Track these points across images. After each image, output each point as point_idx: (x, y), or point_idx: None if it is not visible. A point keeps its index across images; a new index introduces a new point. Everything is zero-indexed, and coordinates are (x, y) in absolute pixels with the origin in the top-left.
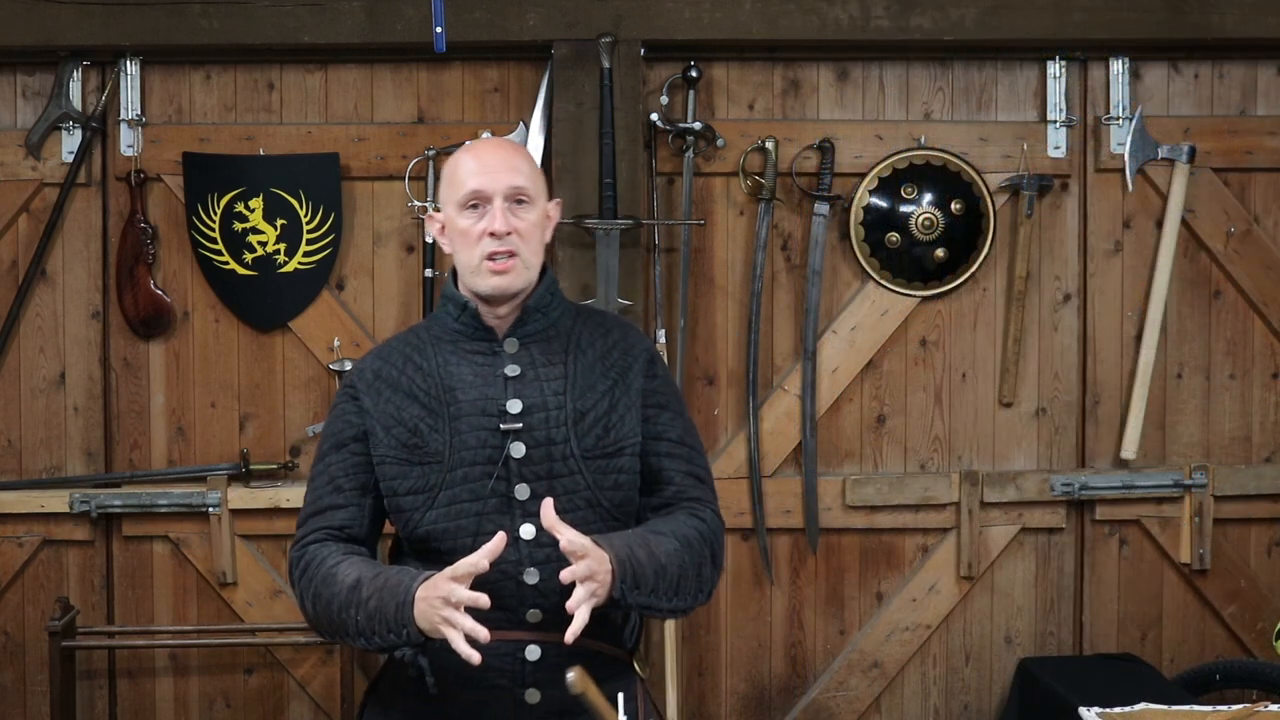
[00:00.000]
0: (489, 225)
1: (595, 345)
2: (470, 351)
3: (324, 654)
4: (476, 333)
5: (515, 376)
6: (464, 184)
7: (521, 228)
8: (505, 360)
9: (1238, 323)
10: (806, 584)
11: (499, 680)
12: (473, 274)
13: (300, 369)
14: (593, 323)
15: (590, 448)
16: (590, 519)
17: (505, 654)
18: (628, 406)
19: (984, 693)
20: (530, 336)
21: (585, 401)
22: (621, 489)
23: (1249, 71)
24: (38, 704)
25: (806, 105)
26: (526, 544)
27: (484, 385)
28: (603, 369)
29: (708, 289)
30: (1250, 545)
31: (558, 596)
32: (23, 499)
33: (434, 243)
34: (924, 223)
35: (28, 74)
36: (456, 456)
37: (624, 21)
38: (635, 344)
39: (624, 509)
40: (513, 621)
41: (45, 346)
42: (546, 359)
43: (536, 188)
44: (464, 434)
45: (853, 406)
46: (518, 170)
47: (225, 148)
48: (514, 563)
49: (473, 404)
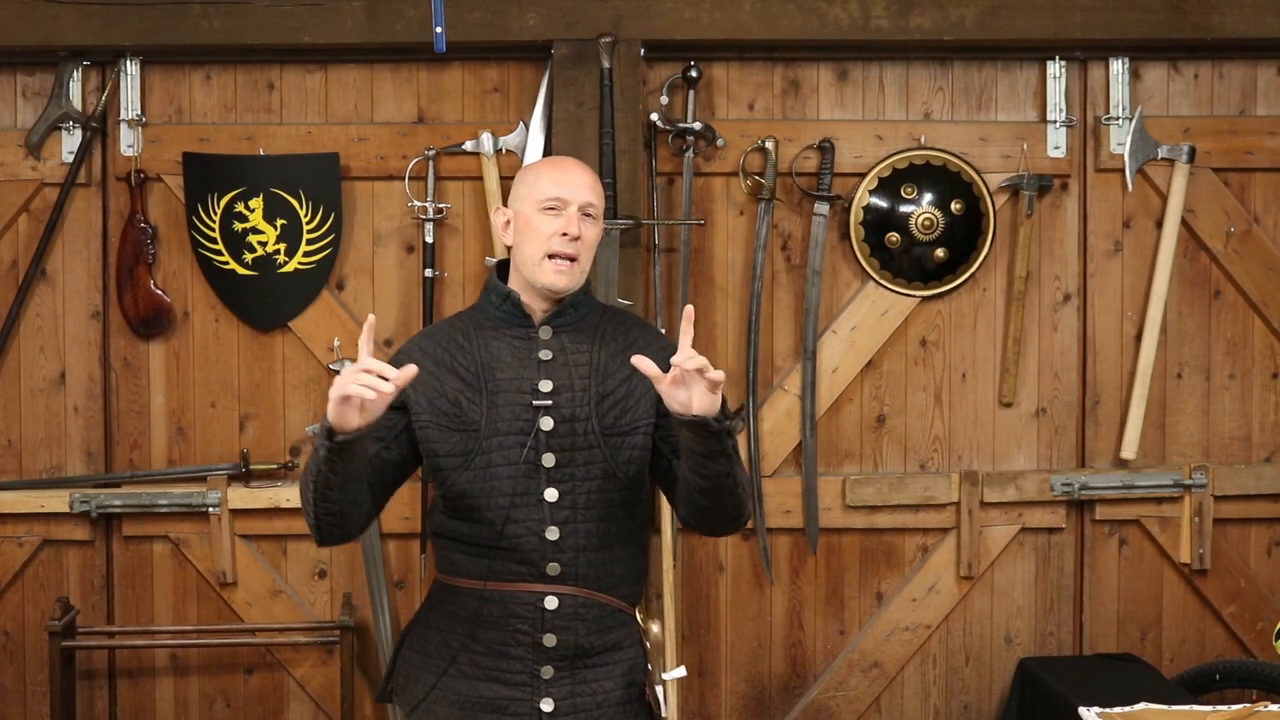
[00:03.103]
0: (564, 227)
1: (618, 339)
2: (509, 336)
3: (324, 654)
4: (516, 320)
5: (548, 360)
6: (547, 189)
7: (586, 238)
8: (539, 345)
9: (1238, 323)
10: (806, 584)
11: (521, 625)
12: (534, 266)
13: (300, 369)
14: (616, 320)
15: (609, 426)
16: (606, 488)
17: (528, 603)
18: (644, 392)
19: (984, 693)
20: (563, 326)
21: (606, 386)
22: (634, 464)
23: (1249, 71)
24: (38, 704)
25: (806, 105)
26: (550, 505)
27: (520, 366)
28: (623, 359)
29: (708, 289)
30: (1250, 545)
31: (574, 553)
32: (23, 499)
33: (433, 243)
34: (924, 223)
35: (28, 74)
36: (492, 426)
37: (624, 21)
38: (654, 340)
39: (636, 480)
40: (534, 575)
41: (45, 346)
42: (575, 347)
43: (601, 209)
44: (500, 407)
45: (853, 406)
46: (592, 189)
47: (225, 148)
48: (537, 521)
49: (509, 382)
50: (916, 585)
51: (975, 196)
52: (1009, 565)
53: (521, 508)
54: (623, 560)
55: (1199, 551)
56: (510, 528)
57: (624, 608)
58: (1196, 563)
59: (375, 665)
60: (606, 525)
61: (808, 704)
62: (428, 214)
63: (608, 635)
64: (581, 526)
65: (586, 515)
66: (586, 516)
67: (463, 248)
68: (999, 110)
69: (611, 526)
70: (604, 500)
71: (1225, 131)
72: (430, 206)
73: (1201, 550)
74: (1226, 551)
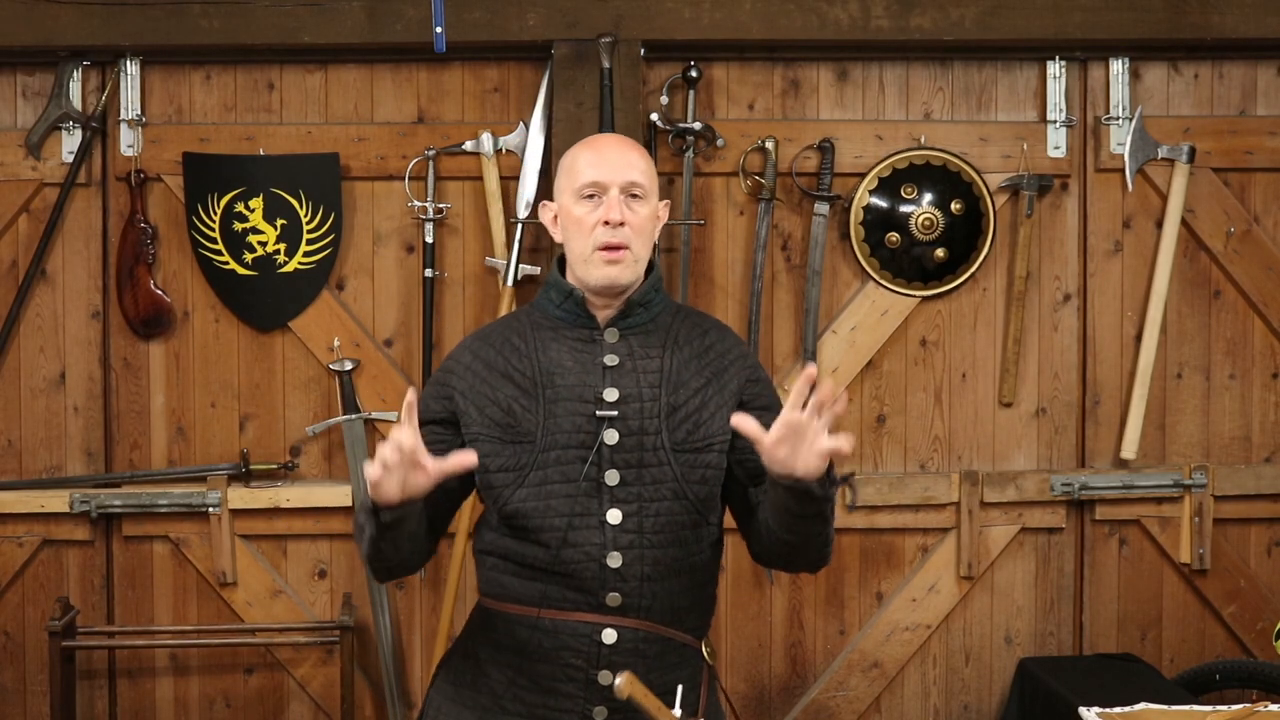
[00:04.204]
0: (604, 214)
1: (692, 343)
2: (571, 339)
3: (324, 654)
4: (579, 320)
5: (614, 366)
6: (582, 174)
7: (634, 222)
8: (605, 349)
9: (1238, 323)
10: (806, 584)
11: (574, 660)
12: (584, 263)
13: (300, 369)
14: (691, 321)
15: (680, 441)
16: (676, 510)
17: (583, 635)
18: (719, 405)
19: (984, 693)
20: (631, 329)
21: (679, 396)
22: (707, 484)
23: (1249, 71)
24: (38, 704)
25: (806, 105)
26: (612, 528)
27: (582, 372)
28: (697, 367)
29: (708, 289)
30: (1250, 545)
31: (637, 582)
32: (23, 499)
33: (433, 243)
34: (924, 223)
35: (28, 74)
36: (550, 439)
37: (624, 21)
38: (732, 346)
39: (708, 503)
40: (592, 605)
41: (45, 346)
42: (645, 352)
43: (650, 185)
44: (559, 417)
45: (853, 406)
46: (634, 166)
47: (225, 148)
48: (598, 545)
49: (570, 389)
50: (916, 585)
51: (975, 196)
52: (1009, 565)
53: (581, 530)
54: (690, 590)
55: (1199, 551)
56: (567, 552)
57: (690, 642)
58: (1196, 563)
59: (375, 665)
60: (675, 552)
61: (808, 704)
62: (428, 214)
63: (670, 674)
64: (648, 553)
65: (653, 540)
66: (653, 542)
67: (463, 248)
68: (999, 110)
69: (680, 553)
70: (673, 524)
71: (1225, 131)
72: (430, 206)
73: (1201, 550)
74: (1226, 551)
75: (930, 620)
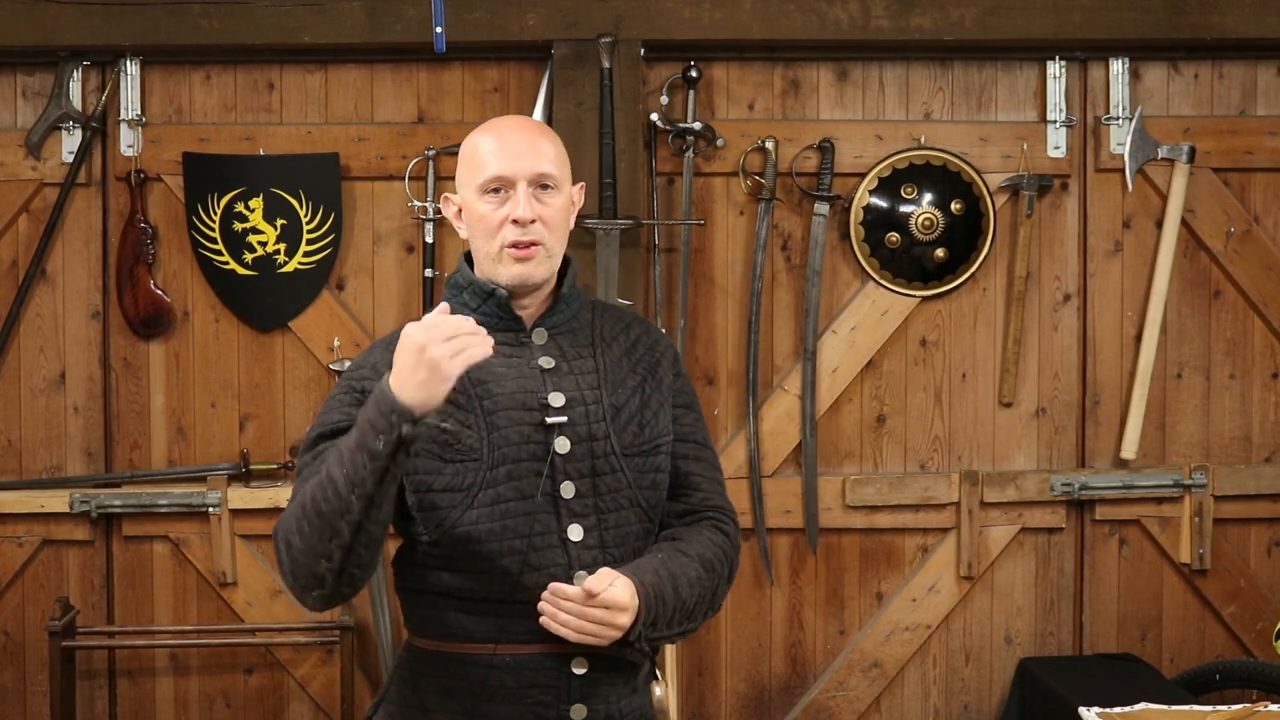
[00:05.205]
0: (512, 212)
1: (619, 340)
2: (498, 343)
3: (324, 654)
4: (503, 322)
5: (550, 369)
6: (485, 167)
7: (546, 215)
8: (536, 352)
9: (1238, 323)
10: (806, 584)
11: (543, 697)
12: (493, 262)
13: (300, 369)
14: (611, 316)
15: (628, 444)
16: (630, 519)
17: (549, 668)
18: (659, 404)
19: (984, 693)
20: (558, 328)
21: (619, 397)
22: (657, 488)
23: (1249, 71)
24: (38, 704)
25: (806, 105)
26: (575, 545)
27: (519, 378)
28: (629, 364)
29: (708, 289)
30: (1250, 545)
31: None
32: (23, 499)
33: (434, 243)
34: (924, 223)
35: (28, 74)
36: (499, 453)
37: (624, 21)
38: (658, 340)
39: (657, 510)
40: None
41: (45, 346)
42: (576, 352)
43: (562, 173)
44: (503, 429)
45: (853, 406)
46: (543, 154)
47: (225, 148)
48: (562, 566)
49: (510, 397)
50: (916, 585)
51: (975, 196)
52: (1009, 565)
53: (543, 550)
54: None
55: (1199, 551)
56: (529, 576)
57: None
58: (1196, 563)
59: (375, 665)
60: None
61: (808, 704)
62: (428, 214)
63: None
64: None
65: (615, 555)
66: (615, 556)
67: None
68: (999, 110)
69: None
70: (630, 534)
71: (1225, 131)
72: (430, 206)
73: (1201, 550)
74: (1226, 551)
75: (930, 620)
